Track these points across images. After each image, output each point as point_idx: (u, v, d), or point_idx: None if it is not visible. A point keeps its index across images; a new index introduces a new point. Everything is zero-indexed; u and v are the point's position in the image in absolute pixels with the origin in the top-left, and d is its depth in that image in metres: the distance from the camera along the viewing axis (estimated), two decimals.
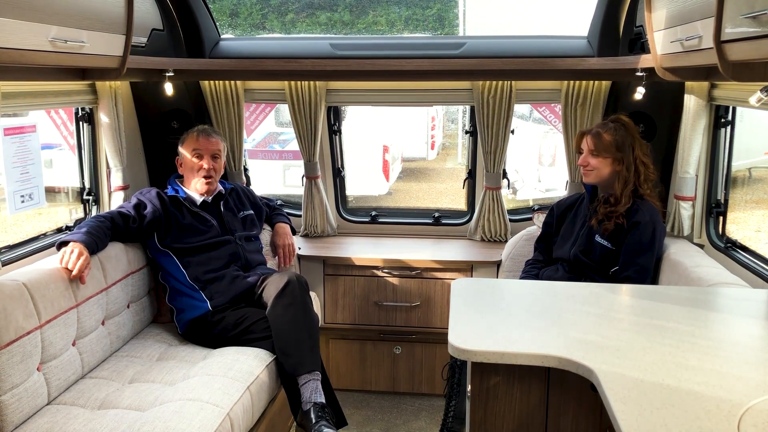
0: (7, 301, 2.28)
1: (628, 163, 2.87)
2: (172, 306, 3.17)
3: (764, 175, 6.78)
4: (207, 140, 3.25)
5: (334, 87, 3.89)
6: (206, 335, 3.04)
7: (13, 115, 3.30)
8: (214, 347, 2.98)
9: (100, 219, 2.97)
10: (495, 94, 3.68)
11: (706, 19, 2.09)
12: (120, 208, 3.13)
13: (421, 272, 3.71)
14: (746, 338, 2.04)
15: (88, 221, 2.93)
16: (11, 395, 2.25)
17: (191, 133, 3.28)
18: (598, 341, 1.94)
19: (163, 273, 3.19)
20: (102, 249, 2.90)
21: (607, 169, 2.89)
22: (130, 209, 3.11)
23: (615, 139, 2.88)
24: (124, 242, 3.08)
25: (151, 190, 3.23)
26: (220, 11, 7.75)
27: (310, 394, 2.80)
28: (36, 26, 2.10)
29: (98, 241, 2.85)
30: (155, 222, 3.11)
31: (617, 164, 2.88)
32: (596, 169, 2.91)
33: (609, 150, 2.88)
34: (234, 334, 2.99)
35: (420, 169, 10.64)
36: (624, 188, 2.86)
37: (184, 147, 3.27)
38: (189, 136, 3.27)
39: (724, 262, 2.86)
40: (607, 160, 2.89)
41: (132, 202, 3.16)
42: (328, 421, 2.73)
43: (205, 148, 3.23)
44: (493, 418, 1.99)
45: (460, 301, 2.31)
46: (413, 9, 9.84)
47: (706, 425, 1.46)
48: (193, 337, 3.09)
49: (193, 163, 3.22)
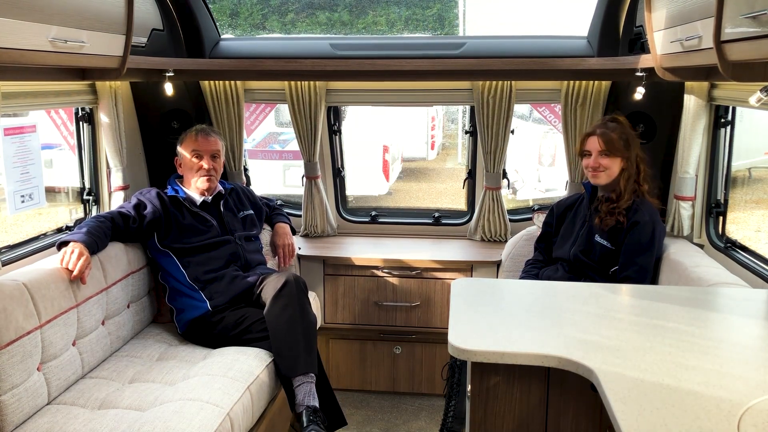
0: (7, 301, 2.28)
1: (632, 160, 2.91)
2: (171, 306, 3.17)
3: (764, 175, 6.78)
4: (206, 140, 3.24)
5: (334, 87, 3.89)
6: (206, 335, 3.04)
7: (13, 115, 3.30)
8: (214, 347, 2.98)
9: (101, 219, 2.97)
10: (495, 94, 3.68)
11: (706, 19, 2.09)
12: (120, 208, 3.13)
13: (421, 272, 3.71)
14: (746, 338, 2.04)
15: (88, 221, 2.93)
16: (11, 395, 2.25)
17: (190, 132, 3.28)
18: (598, 341, 1.94)
19: (163, 273, 3.18)
20: (102, 249, 2.90)
21: (617, 168, 2.91)
22: (130, 209, 3.11)
23: (621, 137, 2.91)
24: (124, 242, 3.08)
25: (151, 190, 3.23)
26: (220, 11, 7.75)
27: (304, 397, 2.79)
28: (36, 26, 2.10)
29: (98, 241, 2.85)
30: (155, 222, 3.11)
31: (625, 162, 2.90)
32: (608, 169, 2.90)
33: (619, 149, 2.90)
34: (234, 334, 2.99)
35: (420, 169, 10.64)
36: (627, 184, 2.89)
37: (183, 147, 3.26)
38: (188, 136, 3.27)
39: (724, 262, 2.86)
40: (617, 159, 2.90)
41: (132, 203, 3.16)
42: (318, 426, 2.71)
43: (205, 149, 3.23)
44: (493, 418, 1.99)
45: (460, 301, 2.31)
46: (413, 9, 9.84)
47: (706, 425, 1.46)
48: (194, 337, 3.09)
49: (193, 163, 3.21)
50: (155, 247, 3.15)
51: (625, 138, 2.92)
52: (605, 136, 2.90)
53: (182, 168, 3.29)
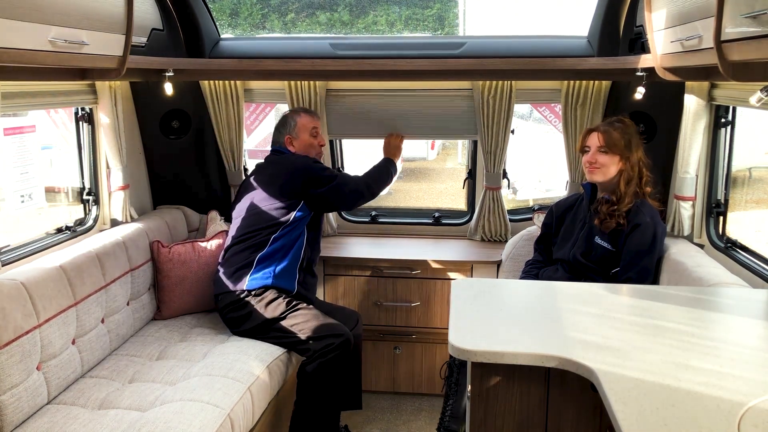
0: (5, 301, 2.28)
1: (633, 162, 2.88)
2: (257, 264, 3.12)
3: (764, 175, 6.76)
4: (318, 118, 3.45)
5: (334, 87, 3.89)
6: (250, 313, 3.05)
7: (13, 115, 3.30)
8: (235, 328, 3.09)
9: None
10: (495, 94, 3.68)
11: (706, 19, 2.09)
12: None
13: (421, 272, 3.71)
14: (746, 338, 2.03)
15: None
16: (11, 395, 2.25)
17: (300, 113, 3.40)
18: (598, 341, 1.93)
19: (287, 239, 3.17)
20: None
21: (614, 167, 2.88)
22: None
23: (623, 137, 2.88)
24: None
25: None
26: (220, 11, 7.74)
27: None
28: (36, 26, 2.10)
29: None
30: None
31: (623, 163, 2.88)
32: (604, 166, 2.88)
33: (618, 147, 2.87)
34: (275, 327, 3.02)
35: (420, 169, 10.63)
36: (627, 187, 2.86)
37: (299, 128, 3.34)
38: (301, 114, 3.38)
39: (725, 262, 2.86)
40: (615, 157, 2.88)
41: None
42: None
43: (319, 125, 3.42)
44: (493, 418, 1.99)
45: (460, 301, 2.31)
46: (413, 9, 9.83)
47: (706, 425, 1.46)
48: (233, 307, 3.10)
49: (312, 140, 3.37)
50: (307, 216, 3.22)
51: (628, 139, 2.89)
52: (606, 133, 2.89)
53: (297, 147, 3.35)
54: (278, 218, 3.12)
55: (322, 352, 2.90)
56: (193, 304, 3.39)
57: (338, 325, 3.01)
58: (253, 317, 3.03)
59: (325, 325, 2.98)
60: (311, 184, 3.15)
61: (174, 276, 3.31)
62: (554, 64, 3.27)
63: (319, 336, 2.94)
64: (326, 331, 2.96)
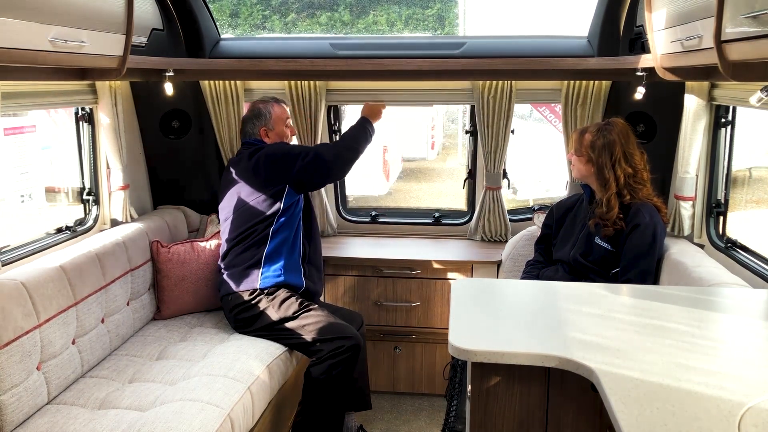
0: (5, 301, 2.28)
1: (600, 166, 2.85)
2: (266, 261, 3.11)
3: (764, 175, 6.77)
4: (287, 106, 3.44)
5: (334, 86, 3.89)
6: (261, 313, 3.04)
7: (13, 115, 3.30)
8: (248, 329, 3.08)
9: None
10: (495, 94, 3.68)
11: (706, 19, 2.09)
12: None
13: (421, 272, 3.71)
14: (746, 338, 2.03)
15: None
16: (11, 395, 2.25)
17: (272, 103, 3.33)
18: (598, 341, 1.93)
19: (288, 232, 3.16)
20: None
21: (583, 167, 2.95)
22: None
23: (593, 140, 2.89)
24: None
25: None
26: (220, 11, 7.74)
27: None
28: (36, 26, 2.10)
29: None
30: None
31: (590, 165, 2.90)
32: (575, 166, 3.00)
33: (585, 150, 2.92)
34: (284, 327, 3.01)
35: (420, 169, 10.64)
36: (605, 192, 2.85)
37: (275, 120, 3.30)
38: (274, 106, 3.32)
39: (725, 262, 2.86)
40: (582, 159, 2.94)
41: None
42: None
43: (289, 115, 3.42)
44: (493, 418, 1.99)
45: (460, 301, 2.31)
46: (413, 9, 9.83)
47: (706, 425, 1.46)
48: (242, 308, 3.09)
49: (286, 131, 3.35)
50: (297, 201, 3.20)
51: (600, 143, 2.85)
52: (580, 134, 2.97)
53: (272, 138, 3.31)
54: (266, 211, 3.10)
55: (332, 354, 2.89)
56: (193, 303, 3.39)
57: (348, 327, 3.00)
58: (265, 316, 3.03)
59: (335, 328, 2.98)
60: (291, 161, 3.09)
61: (174, 276, 3.31)
62: (554, 64, 3.27)
63: (328, 338, 2.94)
64: (336, 333, 2.95)
